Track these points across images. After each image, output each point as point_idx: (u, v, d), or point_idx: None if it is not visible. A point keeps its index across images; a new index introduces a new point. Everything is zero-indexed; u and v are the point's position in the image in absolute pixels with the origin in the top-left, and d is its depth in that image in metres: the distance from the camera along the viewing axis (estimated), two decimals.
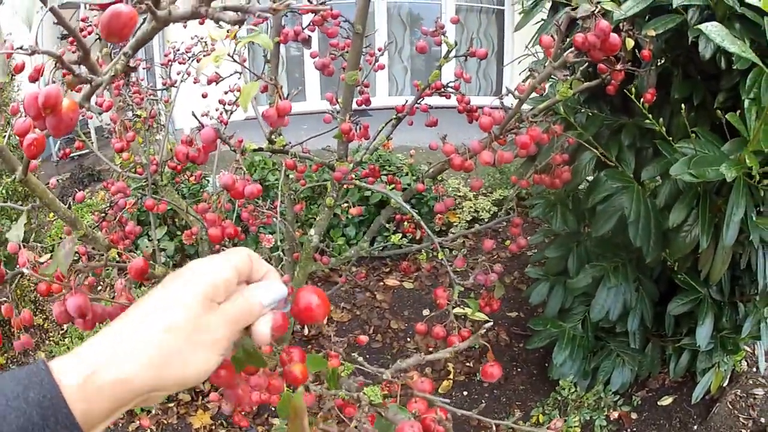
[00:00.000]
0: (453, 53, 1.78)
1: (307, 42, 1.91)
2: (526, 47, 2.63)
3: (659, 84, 2.07)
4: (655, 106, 2.01)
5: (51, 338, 3.64)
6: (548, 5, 2.29)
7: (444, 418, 0.87)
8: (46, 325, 3.73)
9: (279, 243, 2.11)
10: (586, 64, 1.64)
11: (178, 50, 3.24)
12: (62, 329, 3.74)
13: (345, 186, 1.97)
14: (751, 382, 3.17)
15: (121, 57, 0.63)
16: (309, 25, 1.98)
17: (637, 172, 2.16)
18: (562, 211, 2.57)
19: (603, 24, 1.35)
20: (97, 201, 4.97)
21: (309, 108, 5.76)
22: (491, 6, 7.43)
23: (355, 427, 0.83)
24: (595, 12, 1.35)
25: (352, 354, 1.15)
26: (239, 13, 0.59)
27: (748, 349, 3.16)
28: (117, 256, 1.66)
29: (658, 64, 2.10)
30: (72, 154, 5.79)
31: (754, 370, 3.17)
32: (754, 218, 1.81)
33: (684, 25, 1.84)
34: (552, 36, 1.52)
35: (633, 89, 1.91)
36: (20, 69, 1.41)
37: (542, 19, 2.38)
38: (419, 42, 1.91)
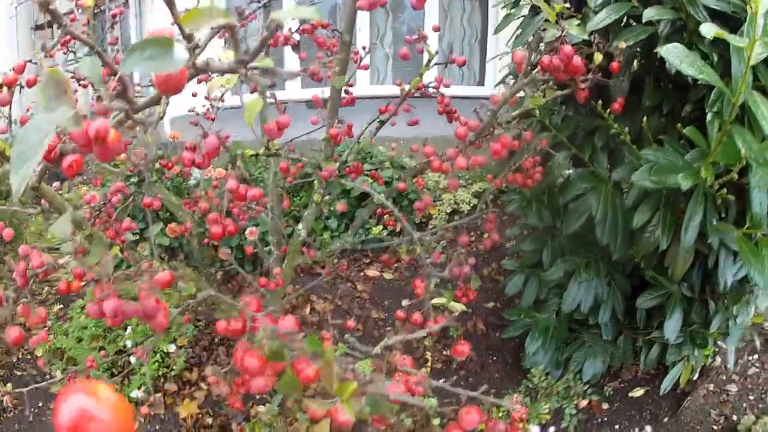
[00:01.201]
0: (434, 61, 1.86)
1: (296, 47, 2.01)
2: (507, 44, 2.69)
3: (633, 88, 2.16)
4: (629, 109, 2.11)
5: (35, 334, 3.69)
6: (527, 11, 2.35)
7: (422, 381, 0.99)
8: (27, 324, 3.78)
9: (270, 239, 2.21)
10: None
11: None
12: (44, 325, 3.78)
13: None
14: (724, 378, 3.23)
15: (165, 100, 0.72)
16: (298, 29, 2.07)
17: (612, 171, 2.25)
18: (538, 207, 2.66)
19: (567, 49, 1.46)
20: (73, 195, 4.91)
21: (290, 96, 5.75)
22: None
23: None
24: (561, 36, 1.45)
25: (345, 336, 1.26)
26: (270, 76, 0.67)
27: (723, 345, 3.22)
28: (119, 252, 1.74)
29: (632, 70, 2.17)
30: None
31: (727, 366, 3.23)
32: (714, 223, 1.89)
33: (655, 36, 1.92)
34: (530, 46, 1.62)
35: (600, 101, 2.01)
36: (12, 82, 1.49)
37: (523, 16, 2.43)
38: (401, 49, 1.98)
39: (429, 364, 3.34)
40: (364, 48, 2.30)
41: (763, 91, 1.70)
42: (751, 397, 3.16)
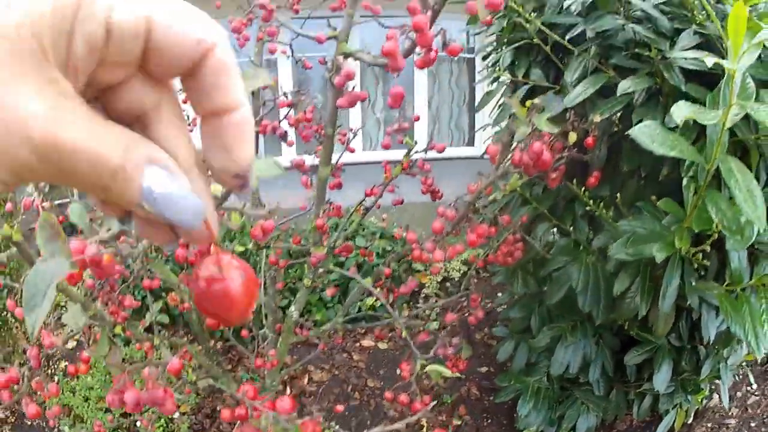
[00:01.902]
0: (414, 150, 1.93)
1: (284, 136, 2.09)
2: (489, 116, 2.76)
3: (612, 151, 2.21)
4: (609, 173, 2.17)
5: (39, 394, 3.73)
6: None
7: None
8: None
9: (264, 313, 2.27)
10: None
11: None
12: (52, 379, 3.83)
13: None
14: (722, 414, 3.24)
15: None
16: (286, 115, 2.15)
17: (594, 237, 2.30)
18: (523, 276, 2.71)
19: (536, 146, 1.52)
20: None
21: (284, 163, 5.80)
22: (462, 55, 7.41)
23: None
24: (531, 133, 1.52)
25: (331, 424, 1.34)
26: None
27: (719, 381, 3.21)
28: (121, 331, 1.81)
29: (611, 134, 2.20)
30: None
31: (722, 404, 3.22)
32: (693, 283, 1.92)
33: (631, 104, 1.95)
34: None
35: (578, 172, 2.07)
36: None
37: (505, 84, 2.54)
38: (383, 140, 2.03)
39: (424, 430, 3.38)
40: (351, 129, 2.37)
41: (742, 147, 1.75)
42: (753, 424, 3.18)
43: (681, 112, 1.44)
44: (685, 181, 1.75)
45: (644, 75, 1.90)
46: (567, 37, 2.09)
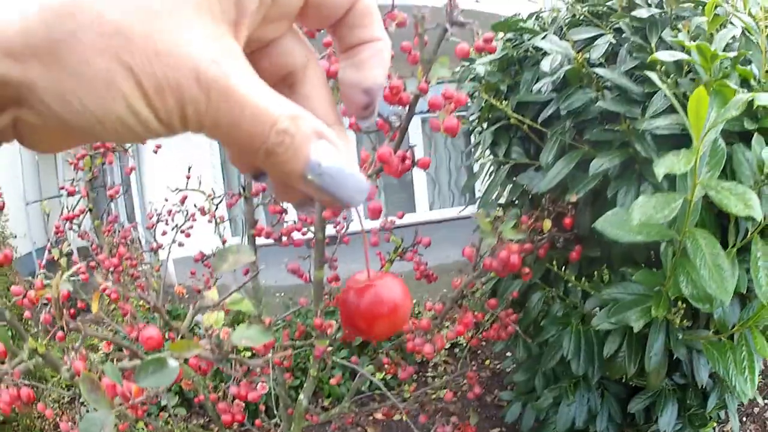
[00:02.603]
0: (401, 248, 2.05)
1: (278, 239, 2.20)
2: (479, 188, 2.82)
3: (596, 215, 2.17)
4: (597, 235, 2.18)
5: None
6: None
7: None
8: None
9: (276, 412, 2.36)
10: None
11: (160, 213, 3.46)
12: None
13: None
14: None
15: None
16: (278, 221, 2.24)
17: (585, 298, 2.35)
18: (524, 341, 2.78)
19: (503, 255, 1.63)
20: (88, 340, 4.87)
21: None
22: (456, 113, 7.49)
23: None
24: (498, 242, 1.62)
25: None
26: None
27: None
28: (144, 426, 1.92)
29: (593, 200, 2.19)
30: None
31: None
32: (680, 337, 1.97)
33: (607, 176, 1.97)
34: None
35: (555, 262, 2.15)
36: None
37: (490, 160, 2.60)
38: (371, 238, 2.11)
39: None
40: (344, 218, 2.47)
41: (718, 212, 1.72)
42: None
43: (639, 212, 1.47)
44: (662, 247, 1.78)
45: (616, 149, 1.93)
46: (542, 117, 2.14)
